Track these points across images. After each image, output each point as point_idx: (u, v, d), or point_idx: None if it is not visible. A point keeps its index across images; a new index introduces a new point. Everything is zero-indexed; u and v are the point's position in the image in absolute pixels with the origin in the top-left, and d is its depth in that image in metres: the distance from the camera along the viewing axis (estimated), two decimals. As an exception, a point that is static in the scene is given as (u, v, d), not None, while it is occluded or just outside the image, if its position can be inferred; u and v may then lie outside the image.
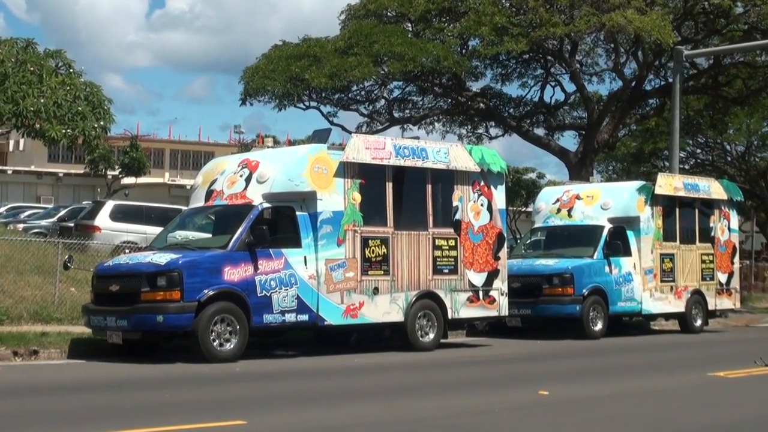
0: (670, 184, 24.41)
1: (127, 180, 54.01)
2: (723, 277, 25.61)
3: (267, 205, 16.52)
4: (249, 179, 16.87)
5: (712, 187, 25.70)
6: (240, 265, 15.72)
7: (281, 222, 16.67)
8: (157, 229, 21.18)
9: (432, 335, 18.15)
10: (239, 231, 15.97)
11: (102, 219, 26.52)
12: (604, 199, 23.35)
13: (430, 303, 18.11)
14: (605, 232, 22.75)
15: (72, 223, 27.71)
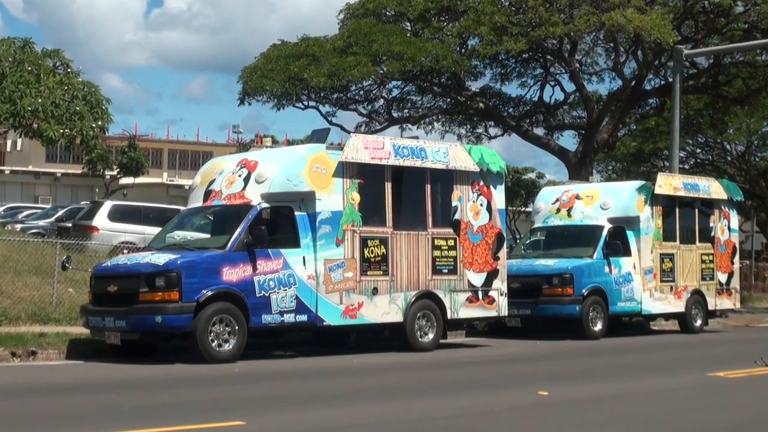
0: (669, 183, 24.38)
1: (125, 180, 54.01)
2: (723, 277, 25.58)
3: (266, 205, 16.47)
4: (247, 179, 16.82)
5: (712, 187, 25.67)
6: (239, 266, 15.68)
7: (280, 222, 16.63)
8: (155, 229, 21.16)
9: (431, 335, 18.11)
10: (238, 231, 15.92)
11: (100, 219, 26.48)
12: (604, 199, 23.32)
13: (429, 303, 18.07)
14: (605, 232, 22.72)
15: (70, 224, 27.66)
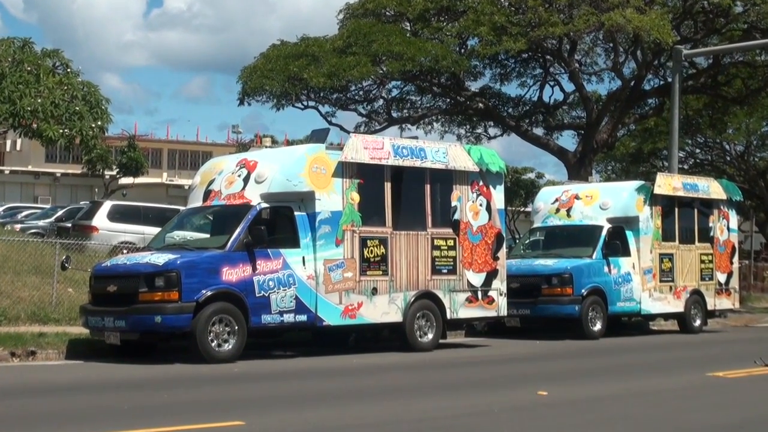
0: (669, 183, 24.38)
1: (124, 180, 54.00)
2: (722, 277, 25.57)
3: (265, 205, 16.47)
4: (247, 179, 16.82)
5: (711, 187, 25.66)
6: (238, 266, 15.68)
7: (279, 222, 16.62)
8: (154, 229, 21.16)
9: (431, 335, 18.11)
10: (237, 231, 15.92)
11: (99, 219, 26.46)
12: (603, 199, 23.31)
13: (428, 303, 18.07)
14: (604, 232, 22.71)
15: (69, 224, 27.64)
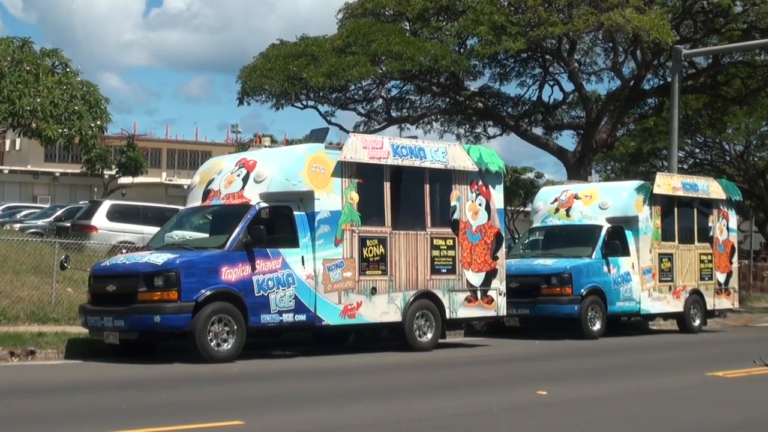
0: (668, 183, 24.38)
1: (124, 180, 53.98)
2: (722, 277, 25.57)
3: (264, 204, 16.46)
4: (246, 179, 16.81)
5: (710, 187, 25.66)
6: (237, 265, 15.67)
7: (279, 222, 16.61)
8: (154, 229, 21.16)
9: (430, 335, 18.10)
10: (237, 231, 15.91)
11: (99, 219, 26.45)
12: (603, 199, 23.30)
13: (428, 303, 18.07)
14: (603, 231, 22.71)
15: (69, 223, 27.63)
